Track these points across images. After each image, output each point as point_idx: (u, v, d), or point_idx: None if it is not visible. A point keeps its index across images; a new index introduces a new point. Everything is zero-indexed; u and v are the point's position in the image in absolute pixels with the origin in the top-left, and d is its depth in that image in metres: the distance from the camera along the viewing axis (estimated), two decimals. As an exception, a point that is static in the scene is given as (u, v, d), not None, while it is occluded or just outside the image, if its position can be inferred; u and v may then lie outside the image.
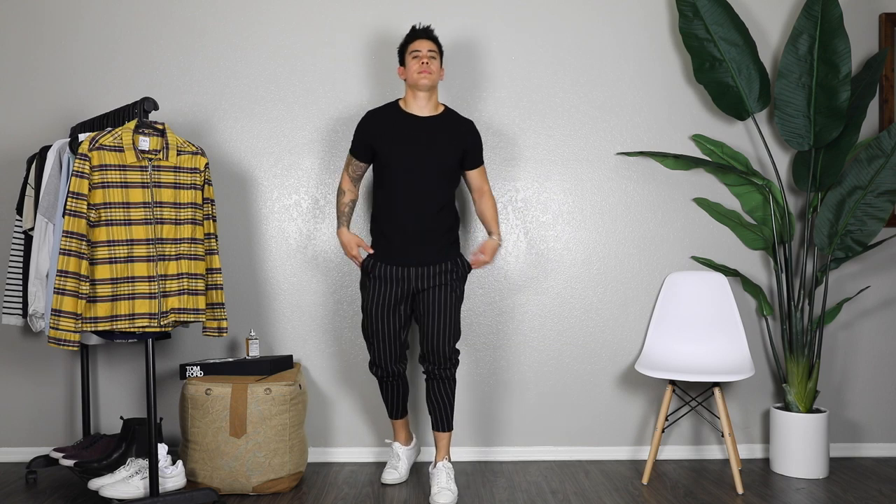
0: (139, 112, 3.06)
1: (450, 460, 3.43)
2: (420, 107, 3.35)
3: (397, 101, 3.41)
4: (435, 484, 3.32)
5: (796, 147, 3.70)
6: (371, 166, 3.63)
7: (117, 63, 3.89)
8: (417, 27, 3.39)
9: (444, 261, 3.36)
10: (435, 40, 3.36)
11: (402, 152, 3.30)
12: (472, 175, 3.47)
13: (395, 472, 3.53)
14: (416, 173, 3.30)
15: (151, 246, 3.05)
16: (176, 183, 3.12)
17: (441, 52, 3.39)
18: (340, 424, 3.91)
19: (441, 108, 3.41)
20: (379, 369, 3.44)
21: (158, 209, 3.07)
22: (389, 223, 3.34)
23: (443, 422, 3.41)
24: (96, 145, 2.96)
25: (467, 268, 3.44)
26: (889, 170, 3.47)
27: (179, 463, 3.28)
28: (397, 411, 3.57)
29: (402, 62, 3.39)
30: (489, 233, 3.52)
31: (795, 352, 3.69)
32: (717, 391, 3.50)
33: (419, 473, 3.70)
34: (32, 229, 3.47)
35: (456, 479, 3.61)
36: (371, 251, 3.38)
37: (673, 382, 3.53)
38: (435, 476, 3.35)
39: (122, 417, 3.61)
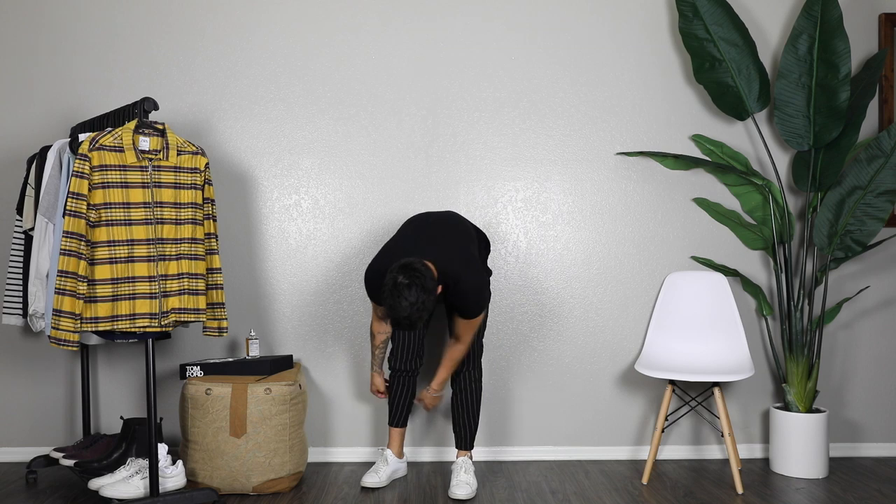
0: (139, 112, 3.06)
1: (471, 458, 3.52)
2: None
3: None
4: (454, 477, 3.42)
5: (796, 147, 3.70)
6: None
7: (117, 63, 3.89)
8: (400, 322, 3.02)
9: None
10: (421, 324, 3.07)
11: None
12: (457, 321, 3.30)
13: (376, 476, 3.48)
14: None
15: (152, 246, 3.05)
16: (176, 183, 3.12)
17: (434, 307, 3.07)
18: (340, 424, 3.91)
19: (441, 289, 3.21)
20: (396, 361, 3.54)
21: (159, 209, 3.07)
22: None
23: (465, 439, 3.53)
24: (96, 146, 2.96)
25: (490, 271, 3.55)
26: (889, 170, 3.48)
27: (179, 463, 3.28)
28: (398, 417, 3.58)
29: None
30: (431, 382, 3.43)
31: (795, 352, 3.69)
32: (716, 391, 3.50)
33: (419, 474, 3.71)
34: (32, 229, 3.47)
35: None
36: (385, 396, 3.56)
37: (673, 382, 3.53)
38: (454, 471, 3.45)
39: (122, 417, 3.61)
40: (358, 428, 3.91)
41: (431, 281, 3.02)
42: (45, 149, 3.45)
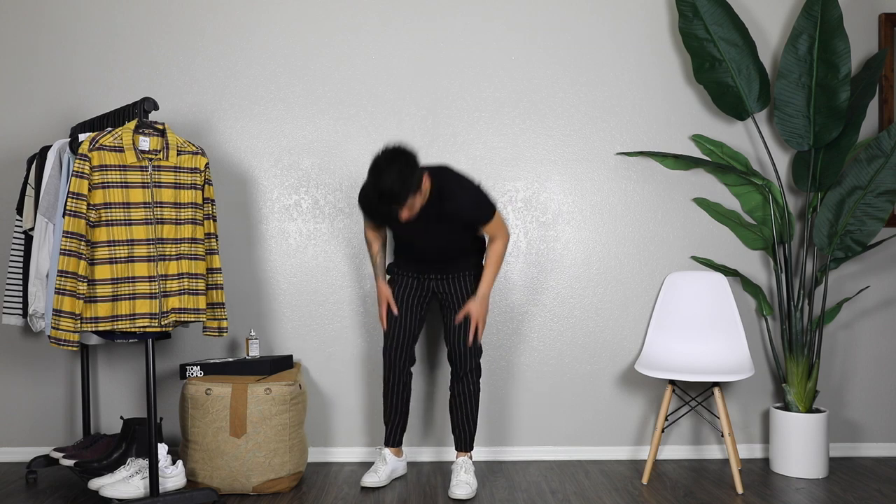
0: (139, 112, 3.06)
1: (471, 458, 3.52)
2: None
3: None
4: (454, 477, 3.42)
5: (796, 147, 3.70)
6: None
7: (117, 63, 3.89)
8: (372, 210, 3.04)
9: (462, 271, 3.47)
10: (403, 206, 3.04)
11: (405, 236, 3.38)
12: (485, 229, 3.35)
13: (376, 476, 3.47)
14: (424, 242, 3.37)
15: (152, 246, 3.05)
16: (176, 183, 3.12)
17: (417, 191, 3.06)
18: (340, 424, 3.91)
19: (429, 189, 3.21)
20: (389, 357, 3.50)
21: (159, 209, 3.07)
22: (408, 261, 3.49)
23: (465, 441, 3.52)
24: (96, 146, 2.97)
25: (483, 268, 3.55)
26: (888, 170, 3.48)
27: (179, 463, 3.28)
28: (394, 433, 3.55)
29: None
30: (478, 288, 3.43)
31: (795, 352, 3.69)
32: (716, 391, 3.50)
33: (419, 474, 3.71)
34: (32, 229, 3.47)
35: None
36: (395, 312, 3.47)
37: (673, 382, 3.53)
38: (454, 471, 3.45)
39: (122, 417, 3.61)
40: (358, 428, 3.91)
41: (415, 160, 3.04)
42: (45, 149, 3.45)
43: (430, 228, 3.31)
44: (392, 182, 2.99)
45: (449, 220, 3.27)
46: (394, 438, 3.56)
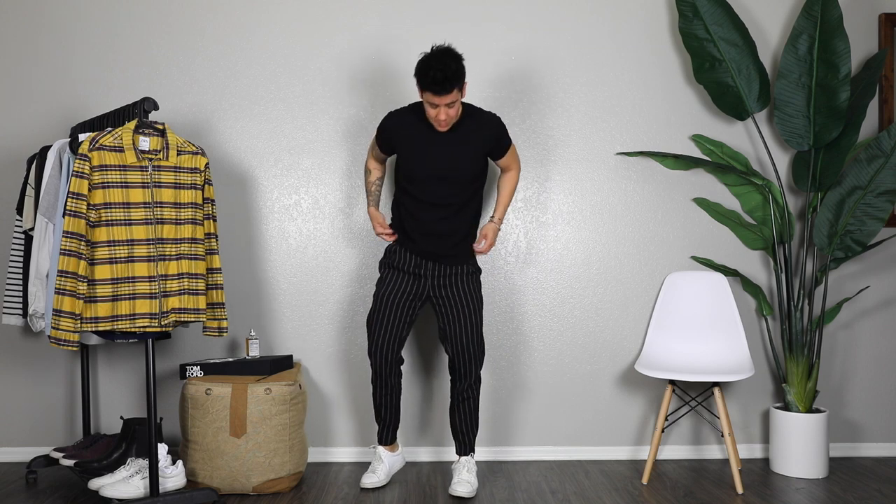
0: (139, 112, 3.06)
1: (472, 457, 3.49)
2: None
3: (420, 103, 3.35)
4: (456, 475, 3.40)
5: (796, 147, 3.70)
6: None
7: (117, 63, 3.89)
8: (429, 76, 3.06)
9: (460, 263, 3.41)
10: (451, 91, 3.09)
11: (423, 162, 3.30)
12: (500, 161, 3.47)
13: (374, 476, 3.46)
14: (437, 182, 3.31)
15: (152, 246, 3.05)
16: (176, 183, 3.12)
17: (460, 88, 3.14)
18: (340, 424, 3.91)
19: (460, 113, 3.29)
20: (374, 359, 3.43)
21: (159, 209, 3.07)
22: (409, 217, 3.39)
23: (466, 444, 3.49)
24: (96, 146, 2.97)
25: (480, 269, 3.50)
26: (888, 170, 3.48)
27: (179, 463, 3.28)
28: (387, 431, 3.53)
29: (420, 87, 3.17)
30: (493, 214, 3.51)
31: (795, 352, 3.69)
32: (716, 391, 3.50)
33: (419, 474, 3.71)
34: (32, 229, 3.48)
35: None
36: (392, 238, 3.44)
37: (673, 382, 3.53)
38: (456, 469, 3.43)
39: (122, 417, 3.61)
40: (358, 428, 3.91)
41: (463, 60, 3.18)
42: (45, 149, 3.45)
43: (445, 152, 3.28)
44: (446, 66, 3.07)
45: (471, 139, 3.30)
46: (387, 437, 3.55)
